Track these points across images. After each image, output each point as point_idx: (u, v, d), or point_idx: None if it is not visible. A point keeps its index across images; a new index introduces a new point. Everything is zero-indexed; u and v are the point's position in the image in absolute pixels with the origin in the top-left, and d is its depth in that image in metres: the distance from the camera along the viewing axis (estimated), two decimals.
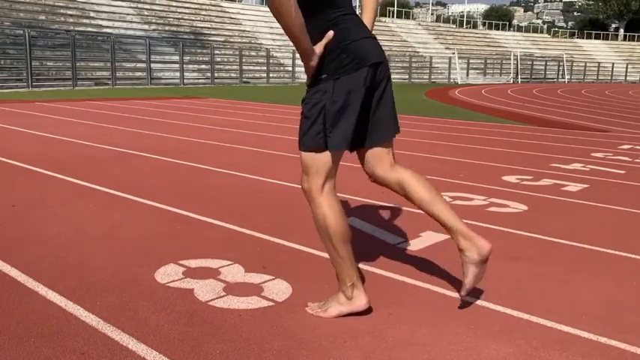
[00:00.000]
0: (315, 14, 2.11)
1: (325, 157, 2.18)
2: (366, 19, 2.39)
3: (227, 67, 26.68)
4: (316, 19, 2.12)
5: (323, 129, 2.14)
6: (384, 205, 4.09)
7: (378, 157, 2.34)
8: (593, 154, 6.97)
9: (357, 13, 2.33)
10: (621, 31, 62.91)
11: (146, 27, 26.79)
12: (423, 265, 2.91)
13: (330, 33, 2.12)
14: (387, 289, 2.59)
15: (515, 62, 39.44)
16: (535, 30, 58.36)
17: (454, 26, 49.19)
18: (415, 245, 3.22)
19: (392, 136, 2.35)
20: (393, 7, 48.16)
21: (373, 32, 2.36)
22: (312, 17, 2.08)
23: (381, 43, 2.31)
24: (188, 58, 24.84)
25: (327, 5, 2.15)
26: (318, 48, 2.11)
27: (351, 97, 2.14)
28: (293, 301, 2.43)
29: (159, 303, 2.38)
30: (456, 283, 2.64)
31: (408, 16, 50.84)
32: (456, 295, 2.54)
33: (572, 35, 61.31)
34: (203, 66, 25.50)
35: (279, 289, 2.55)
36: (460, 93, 21.67)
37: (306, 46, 2.07)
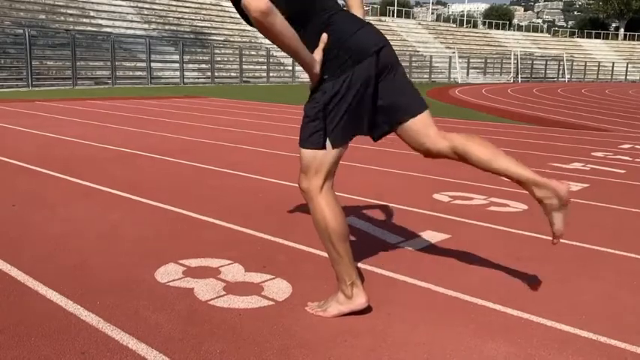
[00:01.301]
0: (304, 22, 2.13)
1: (326, 155, 2.18)
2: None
3: (227, 67, 26.67)
4: (308, 26, 2.14)
5: (323, 127, 2.14)
6: (384, 205, 4.09)
7: (421, 133, 2.31)
8: (593, 154, 6.97)
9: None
10: (621, 30, 62.89)
11: (146, 26, 26.78)
12: (423, 264, 2.91)
13: (324, 36, 2.13)
14: (387, 288, 2.59)
15: (516, 61, 39.42)
16: (535, 29, 58.33)
17: (454, 25, 49.18)
18: (415, 245, 3.22)
19: (421, 111, 2.32)
20: (393, 6, 48.17)
21: None
22: (303, 26, 2.11)
23: None
24: (188, 57, 24.83)
25: (317, 9, 2.16)
26: (317, 55, 2.12)
27: (353, 93, 2.14)
28: (293, 300, 2.43)
29: (159, 302, 2.38)
30: (456, 282, 2.65)
31: (408, 16, 50.82)
32: (455, 294, 2.54)
33: (572, 34, 61.30)
34: (203, 65, 25.50)
35: (279, 289, 2.55)
36: (460, 92, 21.67)
37: (305, 56, 2.08)
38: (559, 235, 2.28)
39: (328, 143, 2.16)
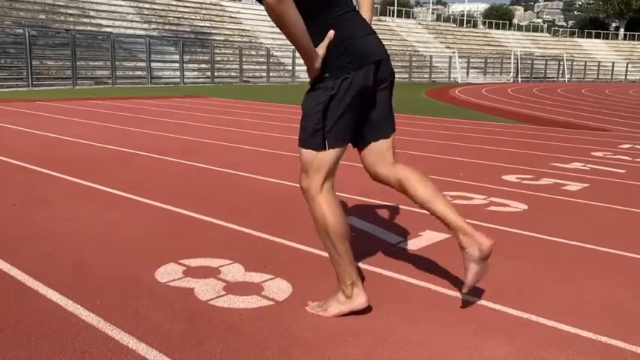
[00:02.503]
0: (316, 14, 2.11)
1: (325, 155, 2.18)
2: (363, 15, 2.39)
3: (227, 67, 26.67)
4: (318, 18, 2.12)
5: (322, 127, 2.14)
6: (384, 205, 4.09)
7: (380, 155, 2.35)
8: (593, 154, 6.97)
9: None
10: (621, 30, 62.86)
11: (146, 26, 26.78)
12: (423, 264, 2.91)
13: (331, 33, 2.12)
14: (387, 288, 2.59)
15: (516, 61, 39.41)
16: (535, 29, 58.30)
17: (454, 25, 49.16)
18: (415, 244, 3.22)
19: (391, 133, 2.37)
20: (394, 6, 48.14)
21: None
22: (313, 17, 2.09)
23: None
24: (188, 57, 24.82)
25: (327, 5, 2.15)
26: (321, 50, 2.11)
27: (351, 95, 2.14)
28: (293, 300, 2.43)
29: (159, 302, 2.38)
30: (456, 282, 2.64)
31: (408, 15, 50.79)
32: (455, 294, 2.54)
33: (572, 34, 61.28)
34: (203, 65, 25.49)
35: (279, 289, 2.55)
36: (460, 92, 21.67)
37: (308, 49, 2.08)
38: (468, 287, 2.31)
39: (327, 144, 2.16)
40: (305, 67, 2.18)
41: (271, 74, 27.39)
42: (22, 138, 7.24)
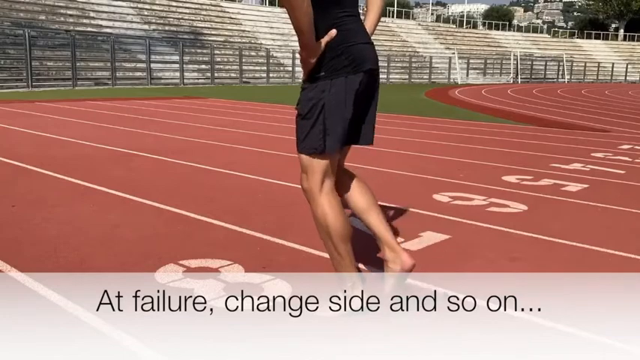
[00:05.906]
0: (320, 12, 2.11)
1: (324, 156, 2.19)
2: (371, 19, 2.41)
3: (227, 67, 26.69)
4: (321, 16, 2.12)
5: (323, 129, 2.14)
6: (384, 205, 4.09)
7: (342, 160, 2.39)
8: (593, 154, 6.97)
9: (362, 14, 2.34)
10: (621, 31, 62.82)
11: (146, 27, 26.79)
12: (423, 265, 2.90)
13: (333, 31, 2.13)
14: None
15: (515, 62, 39.42)
16: (535, 30, 58.31)
17: (454, 26, 49.17)
18: (415, 245, 3.22)
19: (369, 143, 2.39)
20: (393, 7, 48.13)
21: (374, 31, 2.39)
22: (316, 15, 2.09)
23: (381, 43, 2.35)
24: (188, 58, 24.84)
25: (332, 4, 2.15)
26: (320, 45, 2.12)
27: (346, 98, 2.15)
28: (293, 301, 2.43)
29: (159, 303, 2.37)
30: (456, 283, 2.64)
31: (408, 16, 50.80)
32: (455, 294, 2.53)
33: (572, 35, 61.27)
34: (203, 66, 25.51)
35: (279, 289, 2.55)
36: (460, 93, 21.67)
37: (311, 41, 2.09)
38: (387, 296, 2.32)
39: (327, 146, 2.16)
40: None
41: (271, 75, 27.40)
42: (21, 139, 7.24)
